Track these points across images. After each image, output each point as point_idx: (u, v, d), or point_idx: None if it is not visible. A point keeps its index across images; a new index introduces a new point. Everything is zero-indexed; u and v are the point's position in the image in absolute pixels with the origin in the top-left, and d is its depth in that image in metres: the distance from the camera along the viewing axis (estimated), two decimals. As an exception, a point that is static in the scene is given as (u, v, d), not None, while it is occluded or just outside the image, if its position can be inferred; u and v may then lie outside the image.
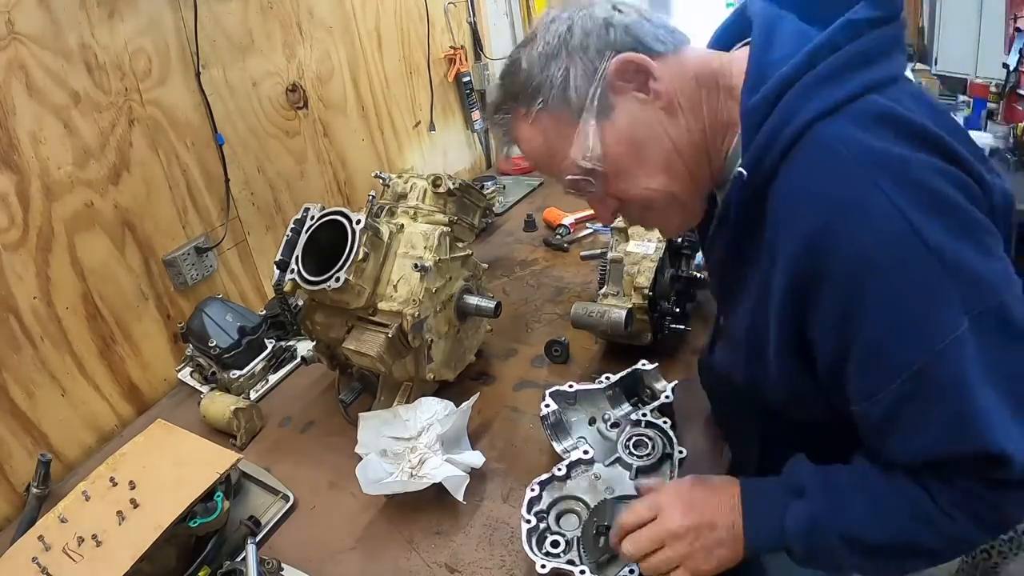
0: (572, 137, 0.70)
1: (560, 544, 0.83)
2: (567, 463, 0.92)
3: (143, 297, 1.34)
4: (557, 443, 1.00)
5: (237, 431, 1.17)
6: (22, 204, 1.13)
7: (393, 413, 1.06)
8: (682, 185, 0.71)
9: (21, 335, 1.14)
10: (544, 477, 0.90)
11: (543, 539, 0.84)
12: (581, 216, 1.84)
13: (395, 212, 1.19)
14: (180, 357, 1.40)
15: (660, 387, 1.02)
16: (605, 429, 0.99)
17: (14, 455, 1.15)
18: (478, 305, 1.18)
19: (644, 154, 0.69)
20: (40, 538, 0.86)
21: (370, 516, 1.00)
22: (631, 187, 0.72)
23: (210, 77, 1.42)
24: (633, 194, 0.72)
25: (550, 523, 0.87)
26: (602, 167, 0.70)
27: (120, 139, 1.27)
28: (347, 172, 1.85)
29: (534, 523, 0.85)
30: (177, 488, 0.91)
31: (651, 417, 0.95)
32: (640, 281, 1.17)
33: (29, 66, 1.11)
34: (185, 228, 1.41)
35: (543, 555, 0.81)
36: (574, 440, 1.01)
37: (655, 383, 1.03)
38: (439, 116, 2.23)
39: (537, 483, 0.89)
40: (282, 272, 1.08)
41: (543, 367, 1.27)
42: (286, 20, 1.61)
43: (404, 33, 2.04)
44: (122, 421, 1.32)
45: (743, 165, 0.64)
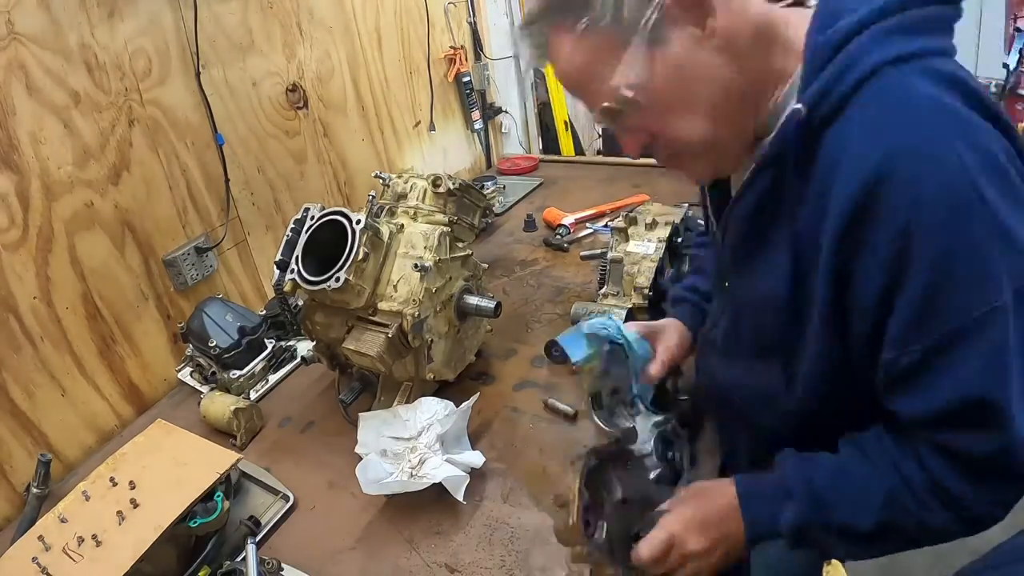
0: (617, 62, 0.64)
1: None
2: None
3: (143, 297, 1.34)
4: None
5: (237, 431, 1.17)
6: (22, 204, 1.13)
7: (393, 413, 1.06)
8: (724, 131, 0.68)
9: (21, 335, 1.14)
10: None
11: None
12: (581, 216, 1.84)
13: (395, 212, 1.19)
14: (180, 357, 1.40)
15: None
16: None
17: (14, 455, 1.15)
18: (478, 305, 1.18)
19: (691, 93, 0.65)
20: (40, 538, 0.86)
21: (370, 516, 1.00)
22: (670, 126, 0.68)
23: (210, 77, 1.42)
24: (671, 133, 0.68)
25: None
26: (644, 100, 0.65)
27: (120, 139, 1.27)
28: (347, 172, 1.85)
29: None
30: (177, 488, 0.91)
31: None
32: (640, 281, 1.17)
33: (29, 66, 1.11)
34: (185, 228, 1.42)
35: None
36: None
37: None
38: (439, 116, 2.23)
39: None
40: (282, 272, 1.08)
41: (543, 367, 1.27)
42: (286, 20, 1.61)
43: (404, 33, 2.04)
44: (122, 421, 1.32)
45: (802, 101, 0.62)
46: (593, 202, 1.92)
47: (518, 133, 2.81)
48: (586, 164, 2.48)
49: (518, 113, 2.84)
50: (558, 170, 2.37)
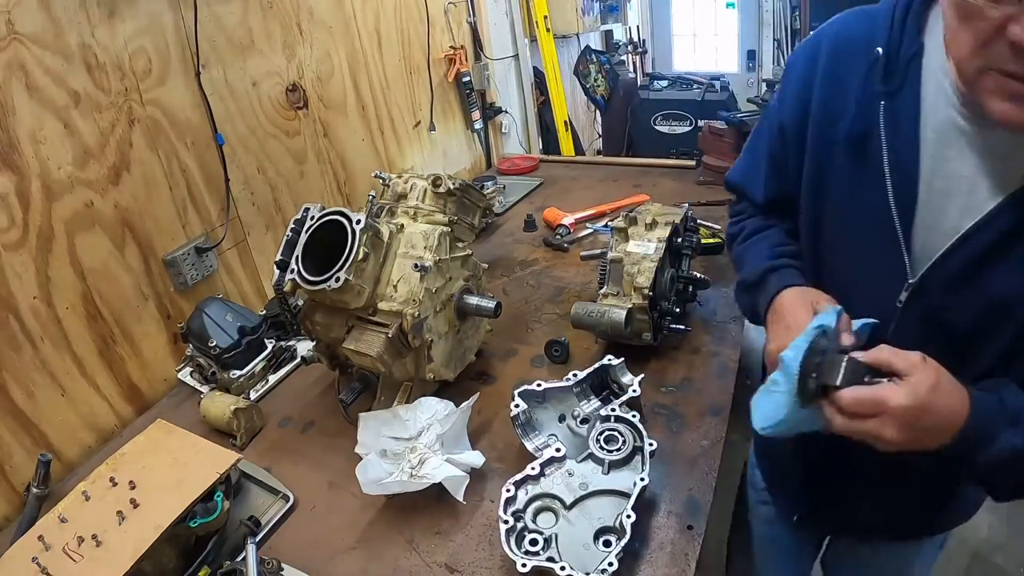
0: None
1: (539, 542, 0.83)
2: (540, 461, 0.93)
3: (143, 297, 1.34)
4: (528, 441, 1.02)
5: (237, 431, 1.17)
6: (22, 204, 1.13)
7: (393, 413, 1.06)
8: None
9: (21, 335, 1.14)
10: (518, 477, 0.91)
11: (522, 538, 0.85)
12: (581, 216, 1.85)
13: (395, 212, 1.19)
14: (180, 357, 1.40)
15: (627, 381, 1.04)
16: (575, 425, 1.00)
17: (14, 455, 1.14)
18: (478, 305, 1.18)
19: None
20: (40, 538, 0.86)
21: (370, 516, 1.00)
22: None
23: (210, 77, 1.42)
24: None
25: (527, 521, 0.88)
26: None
27: (120, 139, 1.27)
28: (347, 172, 1.85)
29: (512, 523, 0.85)
30: (177, 488, 0.91)
31: (620, 411, 0.97)
32: (640, 281, 1.17)
33: (29, 66, 1.11)
34: (185, 228, 1.42)
35: (523, 554, 0.82)
36: (545, 438, 1.02)
37: (622, 377, 1.05)
38: (439, 116, 2.24)
39: (512, 483, 0.90)
40: (282, 272, 1.08)
41: (543, 367, 1.27)
42: (286, 20, 1.61)
43: (404, 33, 2.04)
44: (122, 421, 1.32)
45: None
46: (593, 202, 1.92)
47: (518, 133, 2.81)
48: (586, 164, 2.48)
49: (518, 113, 2.84)
50: (558, 170, 2.37)
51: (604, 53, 3.82)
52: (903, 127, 0.74)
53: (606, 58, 3.69)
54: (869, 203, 0.77)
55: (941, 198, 0.72)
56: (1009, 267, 0.69)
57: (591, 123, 4.06)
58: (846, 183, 0.80)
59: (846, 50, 0.79)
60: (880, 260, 0.78)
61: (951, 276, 0.73)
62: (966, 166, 0.70)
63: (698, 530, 0.89)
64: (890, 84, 0.74)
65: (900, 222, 0.75)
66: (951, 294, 0.74)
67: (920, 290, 0.76)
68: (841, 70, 0.79)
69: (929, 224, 0.74)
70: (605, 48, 4.16)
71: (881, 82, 0.74)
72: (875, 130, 0.75)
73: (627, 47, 4.31)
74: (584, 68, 3.61)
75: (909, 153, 0.73)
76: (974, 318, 0.73)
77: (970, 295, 0.73)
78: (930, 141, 0.72)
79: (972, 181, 0.70)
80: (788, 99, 0.86)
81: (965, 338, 0.75)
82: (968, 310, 0.74)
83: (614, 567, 0.77)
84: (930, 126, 0.72)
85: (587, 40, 3.74)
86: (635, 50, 4.43)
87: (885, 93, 0.74)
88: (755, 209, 1.00)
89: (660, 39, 5.36)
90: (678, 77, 3.74)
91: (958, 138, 0.70)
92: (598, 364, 1.06)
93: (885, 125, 0.75)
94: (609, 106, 3.71)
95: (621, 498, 0.88)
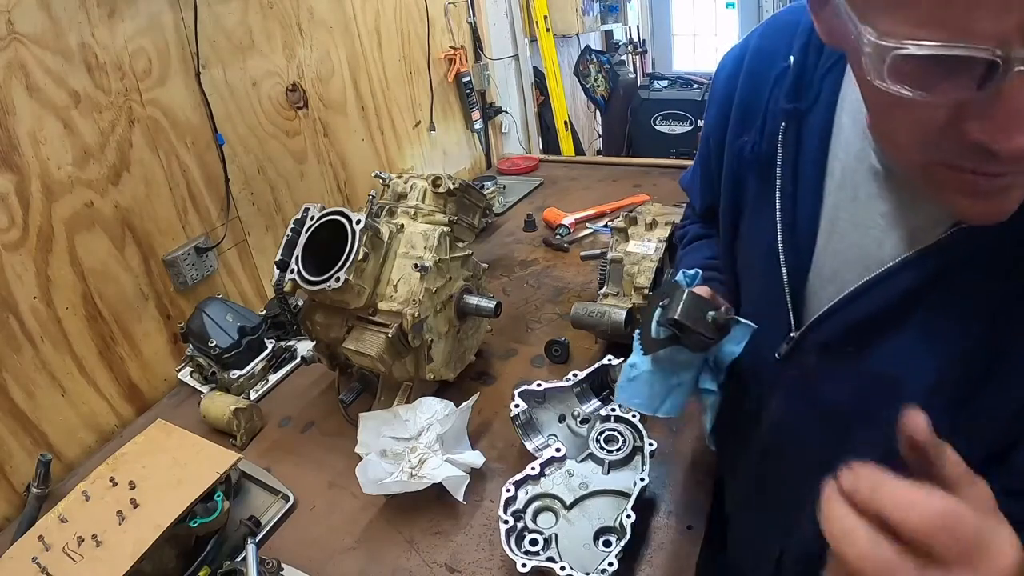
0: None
1: (539, 542, 0.83)
2: (540, 461, 0.93)
3: (143, 297, 1.34)
4: (528, 442, 1.02)
5: (237, 431, 1.17)
6: (22, 204, 1.13)
7: (393, 413, 1.06)
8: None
9: (21, 335, 1.14)
10: (518, 477, 0.91)
11: (521, 538, 0.85)
12: (581, 216, 1.85)
13: (395, 212, 1.19)
14: (180, 357, 1.40)
15: None
16: (575, 425, 1.00)
17: (14, 455, 1.15)
18: (478, 305, 1.18)
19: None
20: (40, 538, 0.86)
21: (370, 516, 1.00)
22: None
23: (210, 77, 1.42)
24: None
25: (527, 522, 0.88)
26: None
27: (120, 139, 1.27)
28: (347, 172, 1.85)
29: (512, 523, 0.85)
30: (177, 488, 0.91)
31: (620, 411, 0.97)
32: (640, 281, 1.17)
33: (29, 66, 1.11)
34: (185, 228, 1.42)
35: (523, 554, 0.82)
36: (545, 438, 1.02)
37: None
38: (439, 116, 2.24)
39: (512, 483, 0.90)
40: (282, 272, 1.08)
41: (543, 367, 1.27)
42: (286, 20, 1.61)
43: (404, 33, 2.04)
44: (122, 421, 1.32)
45: None
46: (593, 202, 1.92)
47: (518, 133, 2.81)
48: (586, 164, 2.48)
49: (518, 113, 2.84)
50: (558, 170, 2.37)
51: (604, 53, 3.82)
52: (806, 155, 0.61)
53: (606, 58, 3.69)
54: (765, 236, 0.65)
55: (842, 245, 0.60)
56: (905, 336, 0.56)
57: (591, 123, 4.06)
58: (752, 207, 0.70)
59: (767, 56, 0.67)
60: (769, 303, 0.67)
61: (834, 337, 0.61)
62: (875, 212, 0.57)
63: (698, 530, 0.89)
64: (798, 100, 0.62)
65: (787, 265, 0.63)
66: (830, 358, 0.62)
67: (798, 347, 0.64)
68: (759, 79, 0.67)
69: (825, 274, 0.62)
70: (605, 48, 4.16)
71: (787, 97, 0.62)
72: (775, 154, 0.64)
73: (627, 47, 4.30)
74: (584, 68, 3.60)
75: (810, 187, 0.61)
76: (853, 394, 0.61)
77: (852, 364, 0.60)
78: (837, 175, 0.60)
79: (882, 230, 0.57)
80: (712, 108, 0.76)
81: (842, 416, 0.62)
82: (847, 382, 0.61)
83: (614, 567, 0.77)
84: (839, 157, 0.60)
85: (587, 40, 3.74)
86: (635, 50, 4.43)
87: (791, 111, 0.62)
88: (696, 216, 0.94)
89: (660, 39, 5.36)
90: (678, 77, 3.74)
91: (870, 178, 0.57)
92: (598, 364, 1.06)
93: (783, 151, 0.63)
94: (609, 106, 3.71)
95: (621, 498, 0.88)
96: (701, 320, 0.64)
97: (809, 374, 0.64)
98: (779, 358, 0.66)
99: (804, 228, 0.62)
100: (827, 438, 0.63)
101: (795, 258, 0.63)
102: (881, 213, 0.57)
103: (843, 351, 0.60)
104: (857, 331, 0.59)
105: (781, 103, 0.62)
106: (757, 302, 0.71)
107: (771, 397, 0.70)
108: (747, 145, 0.67)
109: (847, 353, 0.60)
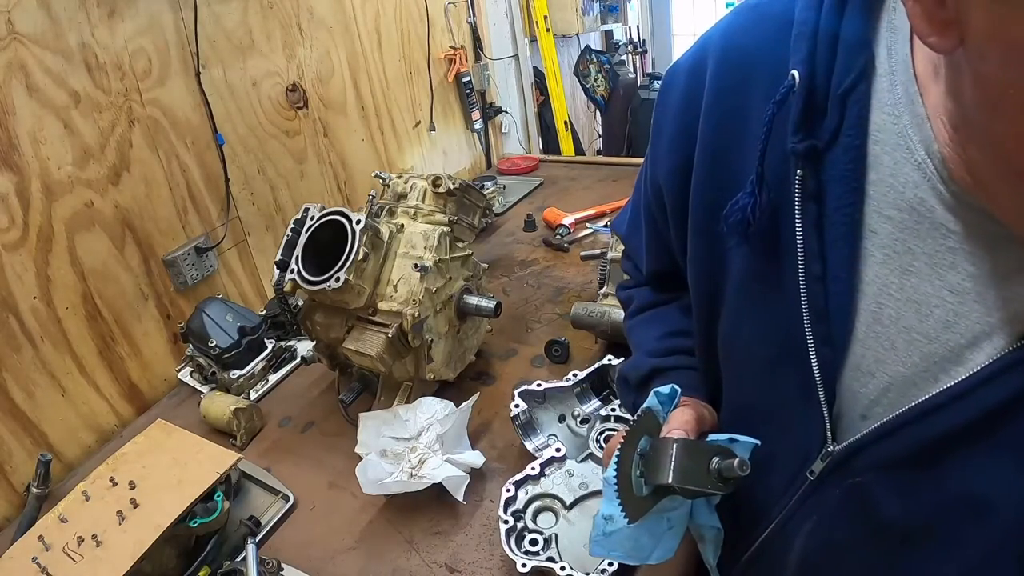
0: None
1: (539, 542, 0.84)
2: (540, 461, 0.93)
3: (143, 297, 1.34)
4: (528, 442, 1.02)
5: (237, 431, 1.17)
6: (22, 204, 1.13)
7: (393, 413, 1.06)
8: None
9: (21, 335, 1.14)
10: (518, 476, 0.91)
11: (521, 538, 0.85)
12: (581, 216, 1.85)
13: (395, 212, 1.19)
14: (180, 357, 1.40)
15: None
16: (575, 425, 1.01)
17: (14, 455, 1.15)
18: (478, 305, 1.18)
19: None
20: (40, 538, 0.86)
21: (370, 516, 1.00)
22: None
23: (210, 77, 1.42)
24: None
25: (527, 522, 0.88)
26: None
27: (120, 139, 1.27)
28: (347, 172, 1.85)
29: (512, 523, 0.85)
30: (177, 488, 0.91)
31: (620, 411, 0.98)
32: (640, 281, 1.17)
33: (29, 66, 1.11)
34: (185, 228, 1.42)
35: (523, 554, 0.82)
36: (545, 438, 1.03)
37: None
38: (439, 116, 2.24)
39: (512, 483, 0.90)
40: (282, 272, 1.08)
41: (543, 367, 1.27)
42: (286, 20, 1.61)
43: (404, 33, 2.04)
44: (122, 421, 1.32)
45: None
46: (593, 202, 1.92)
47: (518, 133, 2.81)
48: (586, 164, 2.48)
49: (518, 113, 2.84)
50: (558, 170, 2.37)
51: (604, 53, 3.82)
52: (832, 213, 0.45)
53: (606, 58, 3.69)
54: (776, 323, 0.50)
55: (892, 332, 0.45)
56: (998, 451, 0.42)
57: (591, 123, 4.06)
58: (746, 281, 0.52)
59: (741, 70, 0.49)
60: (789, 407, 0.52)
61: (899, 456, 0.46)
62: (942, 287, 0.42)
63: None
64: (812, 135, 0.44)
65: (819, 362, 0.47)
66: (892, 478, 0.47)
67: (843, 465, 0.49)
68: (735, 100, 0.50)
69: (867, 367, 0.47)
70: (605, 48, 4.16)
71: (796, 132, 0.45)
72: (788, 211, 0.46)
73: (627, 47, 4.30)
74: (584, 68, 3.60)
75: (841, 259, 0.45)
76: (927, 513, 0.46)
77: (928, 485, 0.45)
78: (881, 239, 0.44)
79: (951, 312, 0.42)
80: (662, 146, 0.57)
81: (913, 541, 0.48)
82: (920, 501, 0.46)
83: (614, 567, 0.77)
84: (884, 212, 0.43)
85: (587, 40, 3.74)
86: (635, 50, 4.43)
87: (804, 151, 0.44)
88: (643, 276, 0.74)
89: (660, 39, 5.36)
90: (678, 77, 3.73)
91: (933, 240, 0.42)
92: (598, 364, 1.06)
93: (802, 209, 0.45)
94: (609, 106, 3.71)
95: None
96: (702, 476, 0.49)
97: (862, 493, 0.49)
98: (812, 477, 0.52)
99: (840, 315, 0.46)
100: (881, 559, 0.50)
101: (827, 354, 0.47)
102: (952, 288, 0.41)
103: (912, 471, 0.46)
104: (934, 448, 0.44)
105: (788, 141, 0.45)
106: (767, 406, 0.55)
107: (804, 519, 0.54)
108: (737, 209, 0.48)
109: (918, 472, 0.46)
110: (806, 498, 0.53)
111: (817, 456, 0.50)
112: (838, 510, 0.51)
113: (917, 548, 0.48)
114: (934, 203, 0.41)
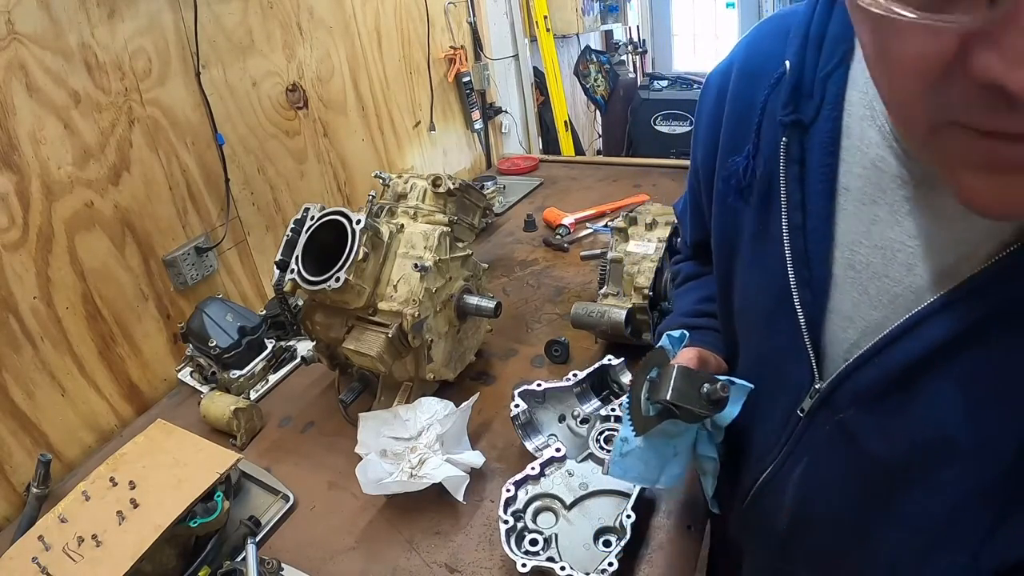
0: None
1: (539, 542, 0.84)
2: (540, 462, 0.93)
3: (143, 297, 1.34)
4: (528, 442, 1.02)
5: (237, 431, 1.17)
6: (22, 204, 1.13)
7: (393, 413, 1.06)
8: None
9: (21, 335, 1.14)
10: (518, 477, 0.91)
11: (521, 538, 0.85)
12: (581, 216, 1.84)
13: (395, 212, 1.19)
14: (180, 357, 1.40)
15: (627, 381, 1.04)
16: (575, 425, 1.00)
17: (14, 455, 1.15)
18: (478, 305, 1.18)
19: None
20: (40, 538, 0.86)
21: (370, 516, 1.00)
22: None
23: (210, 77, 1.42)
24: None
25: (527, 522, 0.88)
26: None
27: (120, 139, 1.27)
28: (347, 172, 1.85)
29: (512, 523, 0.85)
30: (177, 488, 0.91)
31: (620, 411, 0.97)
32: (640, 281, 1.17)
33: (29, 66, 1.11)
34: (185, 228, 1.42)
35: (523, 554, 0.82)
36: (545, 438, 1.02)
37: (622, 377, 1.05)
38: (439, 116, 2.24)
39: (512, 483, 0.90)
40: (282, 272, 1.08)
41: (543, 367, 1.27)
42: (286, 20, 1.61)
43: (404, 33, 2.04)
44: (122, 421, 1.32)
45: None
46: (593, 202, 1.92)
47: (518, 133, 2.81)
48: (586, 164, 2.48)
49: (518, 113, 2.84)
50: (558, 170, 2.37)
51: (604, 53, 3.82)
52: (813, 173, 0.53)
53: (606, 58, 3.69)
54: (770, 272, 0.57)
55: (864, 277, 0.51)
56: (954, 387, 0.47)
57: (591, 123, 4.06)
58: (750, 240, 0.61)
59: (756, 68, 0.59)
60: (783, 351, 0.59)
61: (870, 389, 0.52)
62: (902, 232, 0.48)
63: (698, 530, 0.89)
64: (798, 110, 0.53)
65: (802, 306, 0.55)
66: (870, 412, 0.53)
67: (828, 401, 0.56)
68: (749, 92, 0.59)
69: (846, 312, 0.53)
70: (605, 48, 4.16)
71: (784, 108, 0.53)
72: (779, 177, 0.55)
73: (627, 47, 4.30)
74: (584, 68, 3.60)
75: (819, 211, 0.52)
76: (904, 450, 0.52)
77: (900, 422, 0.51)
78: (853, 191, 0.51)
79: (911, 255, 0.48)
80: (700, 133, 0.68)
81: (895, 473, 0.54)
82: (895, 438, 0.52)
83: (614, 567, 0.77)
84: (854, 170, 0.51)
85: (587, 40, 3.74)
86: (635, 50, 4.43)
87: (791, 124, 0.53)
88: (688, 250, 0.87)
89: (660, 39, 5.36)
90: (678, 77, 3.74)
91: (892, 191, 0.48)
92: (598, 364, 1.06)
93: (786, 170, 0.54)
94: (609, 106, 3.71)
95: (621, 498, 0.88)
96: (694, 397, 0.59)
97: (846, 430, 0.55)
98: (803, 415, 0.58)
99: (819, 261, 0.53)
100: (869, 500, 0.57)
101: (811, 298, 0.54)
102: (910, 233, 0.47)
103: (883, 404, 0.52)
104: (899, 379, 0.50)
105: (779, 115, 0.54)
106: (765, 352, 0.63)
107: (798, 459, 0.61)
108: (739, 167, 0.58)
109: (889, 406, 0.52)
110: (799, 438, 0.60)
111: (805, 395, 0.58)
112: (828, 448, 0.58)
113: (900, 488, 0.54)
114: (891, 159, 0.48)
